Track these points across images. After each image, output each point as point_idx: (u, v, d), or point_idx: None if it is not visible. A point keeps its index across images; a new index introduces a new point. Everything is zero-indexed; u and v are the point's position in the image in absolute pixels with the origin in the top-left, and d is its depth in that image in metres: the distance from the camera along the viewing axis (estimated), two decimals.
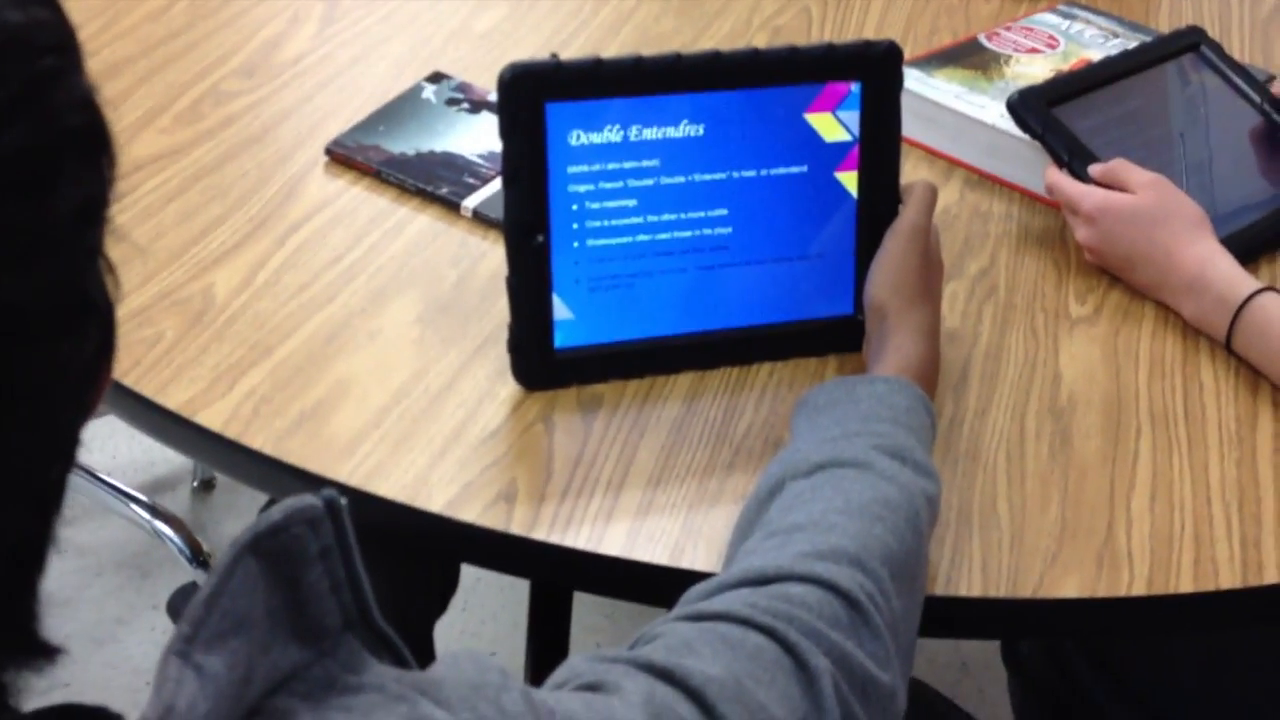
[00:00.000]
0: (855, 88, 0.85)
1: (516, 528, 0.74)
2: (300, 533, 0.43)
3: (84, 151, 0.38)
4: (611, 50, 1.21)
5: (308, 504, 0.44)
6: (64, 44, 0.38)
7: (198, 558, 1.55)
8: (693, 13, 1.28)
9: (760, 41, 1.24)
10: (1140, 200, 0.92)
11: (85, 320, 0.39)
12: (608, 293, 0.83)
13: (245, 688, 0.41)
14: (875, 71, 0.85)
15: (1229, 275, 0.88)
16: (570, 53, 1.20)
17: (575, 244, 0.82)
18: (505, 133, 0.79)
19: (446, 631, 1.29)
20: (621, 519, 0.75)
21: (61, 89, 0.38)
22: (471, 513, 0.74)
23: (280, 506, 0.43)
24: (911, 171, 1.04)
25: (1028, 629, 0.75)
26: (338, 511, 0.44)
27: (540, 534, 0.74)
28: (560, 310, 0.82)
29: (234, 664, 0.41)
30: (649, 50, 1.20)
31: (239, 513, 1.72)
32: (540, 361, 0.82)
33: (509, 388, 0.83)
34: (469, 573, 1.35)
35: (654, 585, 0.74)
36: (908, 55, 1.19)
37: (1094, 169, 0.95)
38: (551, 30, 1.23)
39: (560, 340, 0.82)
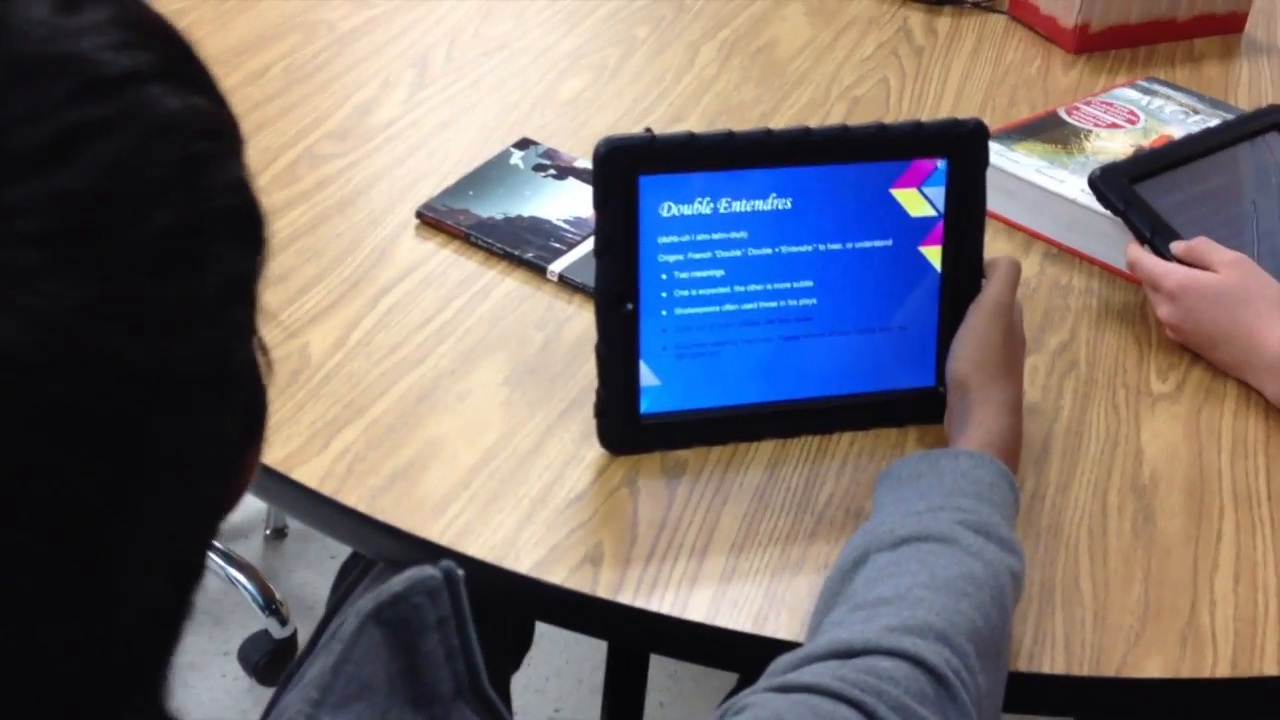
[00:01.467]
0: (941, 164, 0.86)
1: (602, 591, 0.75)
2: (420, 602, 0.45)
3: (233, 232, 0.40)
4: (693, 118, 1.23)
5: (427, 575, 0.45)
6: (220, 130, 0.40)
7: (270, 605, 1.57)
8: (772, 82, 1.30)
9: (840, 111, 1.26)
10: (1223, 279, 0.92)
11: (231, 394, 0.41)
12: (694, 360, 0.85)
13: None
14: (961, 149, 0.86)
15: None
16: (652, 119, 1.22)
17: (664, 312, 0.83)
18: (599, 204, 0.81)
19: (512, 687, 1.30)
20: (705, 584, 0.76)
21: (214, 172, 0.39)
22: (558, 575, 0.76)
23: (402, 577, 0.45)
24: (991, 243, 1.05)
25: (1111, 708, 0.75)
26: (455, 582, 0.46)
27: (625, 598, 0.75)
28: (647, 377, 0.83)
29: None
30: (730, 117, 1.24)
31: (309, 561, 1.75)
32: (626, 427, 0.84)
33: (594, 451, 0.85)
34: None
35: (736, 652, 0.75)
36: (990, 127, 1.21)
37: (1176, 246, 0.96)
38: (634, 98, 1.25)
39: (646, 406, 0.84)
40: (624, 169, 0.80)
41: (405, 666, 0.45)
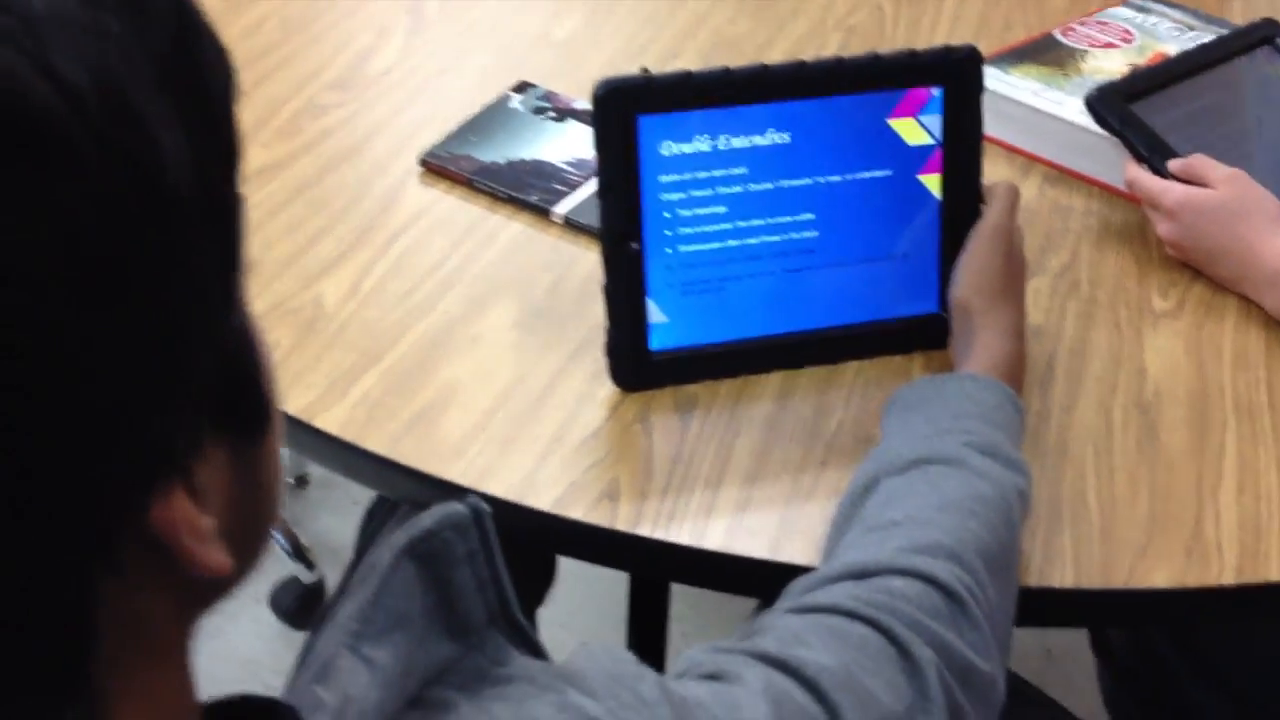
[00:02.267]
0: (937, 93, 0.87)
1: (622, 524, 0.77)
2: (449, 537, 0.47)
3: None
4: (688, 53, 1.24)
5: (455, 510, 0.47)
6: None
7: (297, 552, 1.60)
8: (766, 14, 1.30)
9: (835, 41, 1.26)
10: (1220, 195, 0.93)
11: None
12: (700, 296, 0.86)
13: (406, 679, 0.45)
14: (956, 76, 0.87)
15: None
16: (648, 57, 1.23)
17: (668, 250, 0.85)
18: (599, 146, 0.82)
19: (538, 622, 1.32)
20: (721, 515, 0.78)
21: None
22: (578, 510, 0.78)
23: (430, 513, 0.47)
24: (990, 168, 1.05)
25: (1119, 619, 0.77)
26: (482, 517, 0.48)
27: (644, 530, 0.77)
28: (655, 314, 0.85)
29: (397, 657, 0.44)
30: (725, 51, 1.24)
31: (333, 508, 1.77)
32: (637, 364, 0.85)
33: (606, 389, 0.86)
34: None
35: (754, 578, 0.77)
36: (983, 50, 1.21)
37: (1173, 164, 0.97)
38: (629, 35, 1.26)
39: (655, 343, 0.85)
40: (622, 110, 0.81)
41: (439, 599, 0.47)
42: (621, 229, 0.83)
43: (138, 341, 0.34)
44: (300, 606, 1.58)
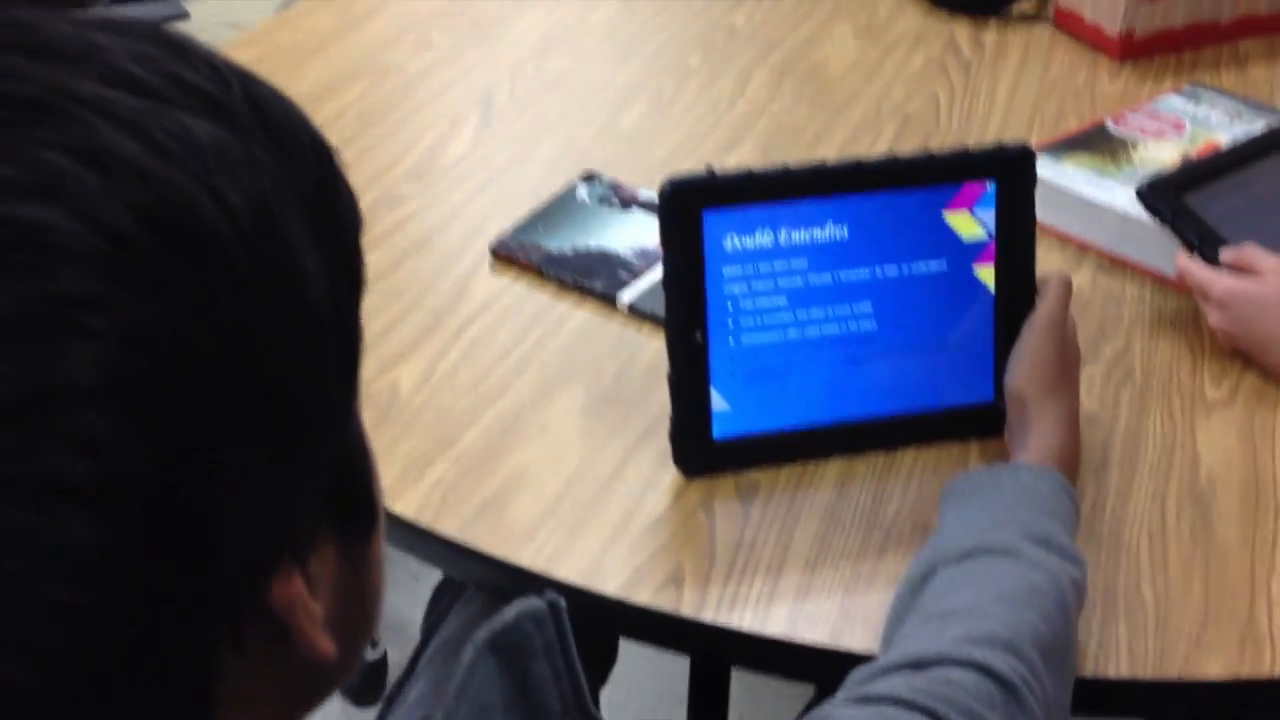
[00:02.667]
0: (990, 187, 0.90)
1: (686, 609, 0.80)
2: (529, 630, 0.50)
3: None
4: (748, 142, 1.28)
5: (534, 605, 0.50)
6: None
7: None
8: (824, 102, 1.34)
9: (890, 129, 1.30)
10: (1270, 285, 0.95)
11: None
12: (761, 384, 0.89)
13: None
14: (1009, 172, 0.90)
15: None
16: (709, 146, 1.27)
17: (730, 340, 0.88)
18: (665, 240, 0.85)
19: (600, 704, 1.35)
20: (782, 601, 0.81)
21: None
22: (644, 595, 0.81)
23: (512, 608, 0.50)
24: (1044, 256, 1.08)
25: (1174, 710, 0.78)
26: (559, 611, 0.51)
27: (708, 616, 0.80)
28: (718, 402, 0.88)
29: None
30: (783, 140, 1.28)
31: (396, 585, 1.78)
32: (700, 450, 0.88)
33: (671, 474, 0.89)
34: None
35: (815, 665, 0.79)
36: (1035, 139, 1.25)
37: (1224, 254, 0.99)
38: (690, 125, 1.30)
39: (718, 430, 0.88)
40: (688, 206, 0.85)
41: (518, 689, 0.50)
42: (686, 320, 0.86)
43: (277, 431, 0.39)
44: (363, 683, 1.61)
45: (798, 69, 1.41)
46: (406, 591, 1.76)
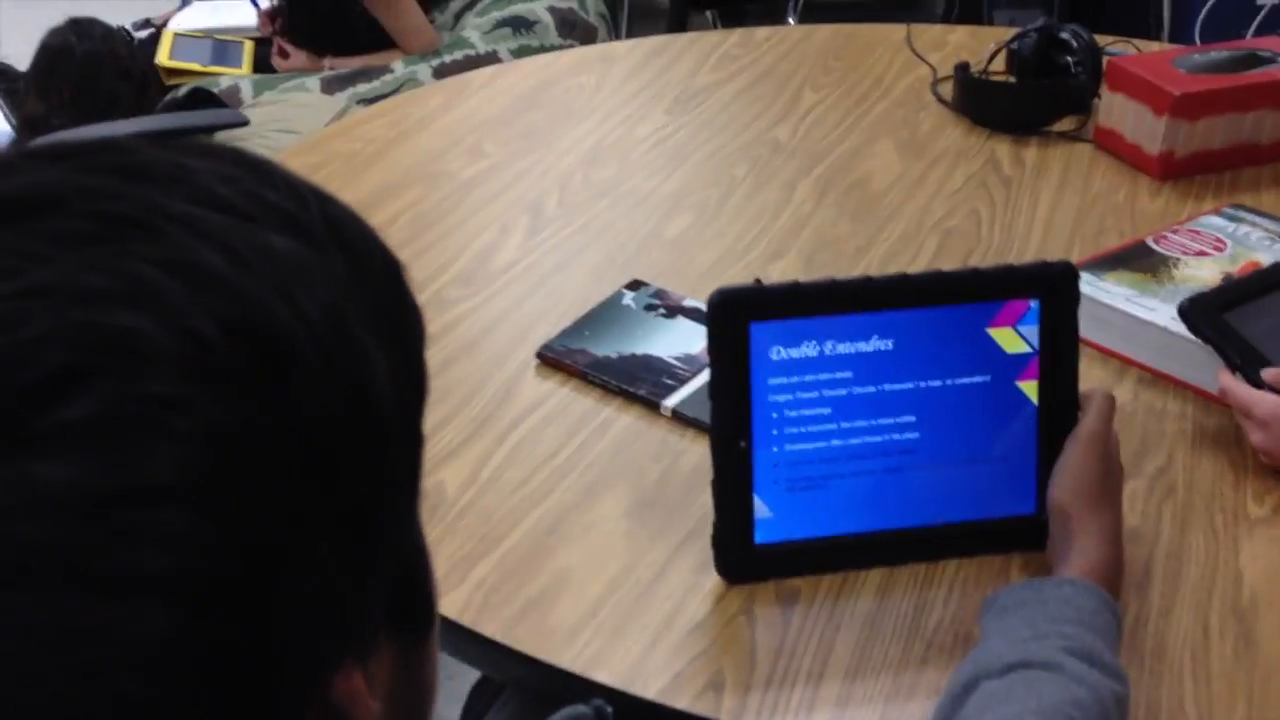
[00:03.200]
0: (1034, 304, 0.91)
1: (725, 716, 0.80)
2: None
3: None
4: (792, 253, 1.30)
5: (581, 712, 0.51)
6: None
7: None
8: (866, 216, 1.37)
9: (932, 243, 1.32)
10: None
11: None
12: (803, 493, 0.90)
13: None
14: (1053, 289, 0.91)
15: None
16: (753, 256, 1.29)
17: (774, 448, 0.89)
18: (713, 350, 0.87)
19: None
20: (822, 711, 0.81)
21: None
22: (684, 700, 0.81)
23: (560, 715, 0.51)
24: (1086, 370, 1.09)
25: None
26: (604, 718, 0.52)
27: None
28: (760, 510, 0.89)
29: None
30: (827, 252, 1.30)
31: None
32: (742, 557, 0.89)
33: (712, 579, 0.90)
34: None
35: None
36: (1076, 255, 1.26)
37: (1266, 374, 0.99)
38: (735, 235, 1.32)
39: (760, 537, 0.89)
40: (735, 318, 0.87)
41: None
42: (732, 429, 0.87)
43: (346, 533, 0.40)
44: None
45: (841, 182, 1.43)
46: (442, 691, 1.76)
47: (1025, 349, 0.92)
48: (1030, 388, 0.92)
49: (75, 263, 0.37)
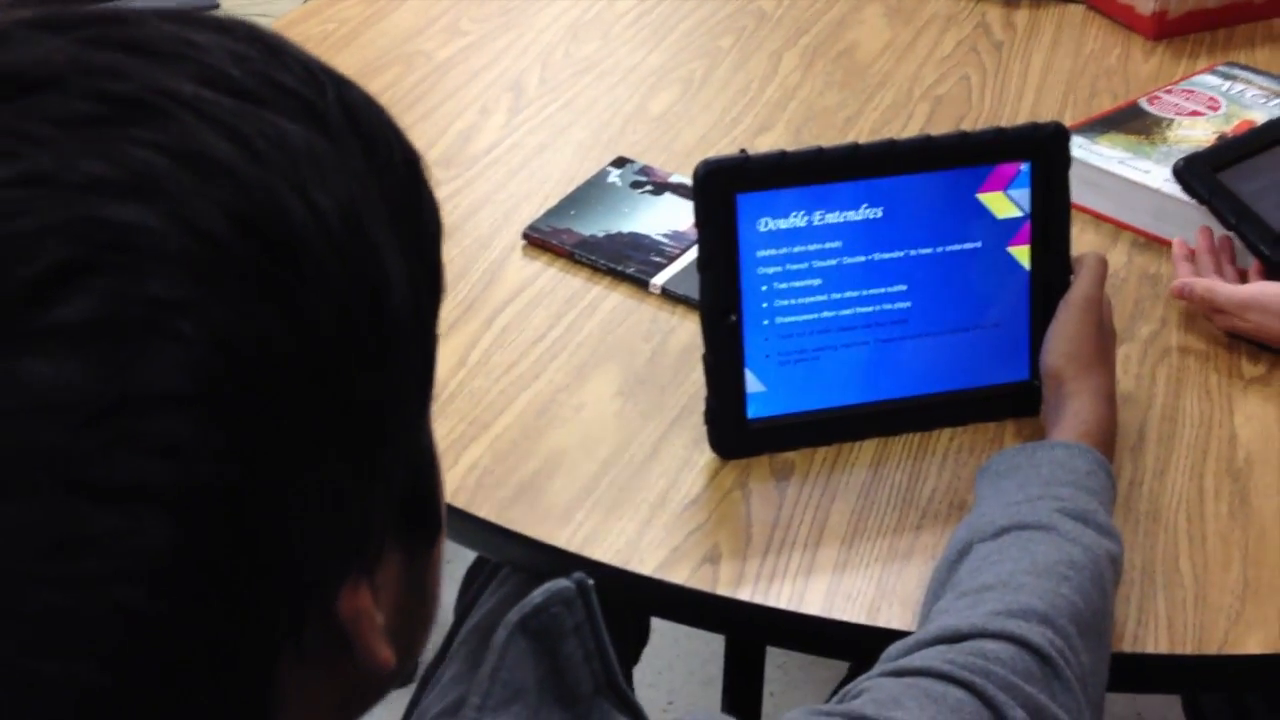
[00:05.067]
0: (1025, 167, 0.89)
1: (722, 589, 0.80)
2: (558, 611, 0.51)
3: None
4: (780, 126, 1.27)
5: (562, 586, 0.51)
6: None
7: None
8: (855, 85, 1.34)
9: (922, 111, 1.29)
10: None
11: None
12: (796, 366, 0.89)
13: None
14: (1044, 152, 0.89)
15: None
16: (740, 130, 1.27)
17: (765, 322, 0.88)
18: (700, 223, 0.85)
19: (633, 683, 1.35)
20: (819, 580, 0.81)
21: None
22: (680, 575, 0.81)
23: (540, 590, 0.51)
24: (1079, 235, 1.08)
25: (1213, 685, 0.78)
26: (587, 591, 0.52)
27: (745, 595, 0.80)
28: (753, 384, 0.88)
29: None
30: (816, 124, 1.27)
31: None
32: (736, 432, 0.88)
33: (706, 456, 0.89)
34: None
35: (851, 643, 0.79)
36: (1069, 118, 1.24)
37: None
38: (721, 109, 1.30)
39: (753, 412, 0.88)
40: (722, 189, 0.85)
41: (549, 670, 0.50)
42: (722, 303, 0.86)
43: (354, 437, 0.39)
44: None
45: (829, 51, 1.40)
46: None
47: (1016, 213, 0.90)
48: (1022, 253, 0.91)
49: (75, 147, 0.35)
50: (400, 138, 0.43)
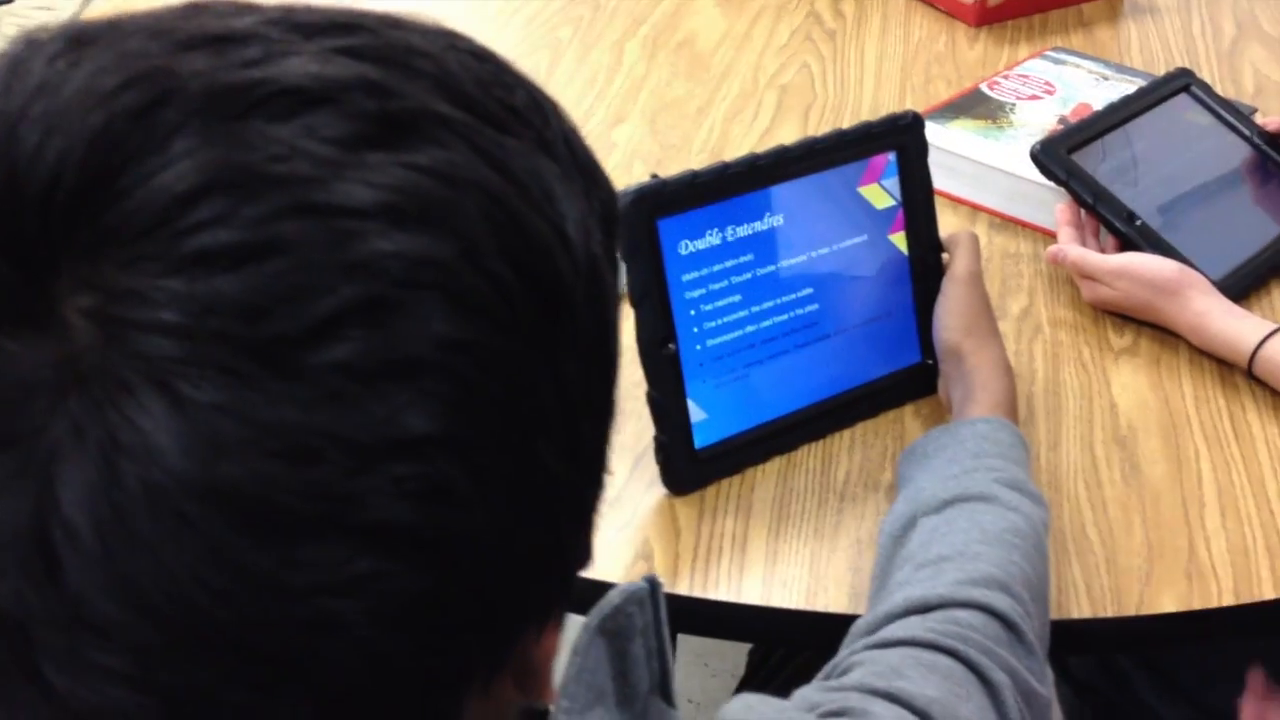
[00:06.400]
0: (892, 157, 0.92)
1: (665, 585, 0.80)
2: (632, 611, 0.50)
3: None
4: (634, 115, 1.28)
5: (638, 587, 0.50)
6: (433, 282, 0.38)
7: None
8: (700, 75, 1.35)
9: (770, 101, 1.31)
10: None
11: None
12: (729, 388, 0.88)
13: None
14: (905, 140, 0.92)
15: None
16: (595, 121, 1.27)
17: (698, 347, 0.86)
18: (629, 255, 0.83)
19: None
20: (753, 569, 0.82)
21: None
22: (616, 573, 0.80)
23: (617, 590, 0.50)
24: (940, 219, 1.11)
25: (1136, 643, 0.82)
26: (657, 590, 0.51)
27: (683, 589, 0.80)
28: (696, 413, 0.86)
29: None
30: (668, 116, 1.28)
31: None
32: (687, 464, 0.86)
33: (622, 455, 0.88)
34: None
35: (792, 628, 0.80)
36: (910, 104, 1.28)
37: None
38: (572, 101, 1.29)
39: (700, 441, 0.87)
40: (645, 217, 0.83)
41: (618, 670, 0.49)
42: (660, 333, 0.84)
43: (583, 491, 0.39)
44: None
45: (668, 42, 1.41)
46: None
47: (891, 202, 0.93)
48: (900, 239, 0.94)
49: (354, 173, 0.33)
50: (599, 165, 0.42)
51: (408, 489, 0.33)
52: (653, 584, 0.51)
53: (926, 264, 0.94)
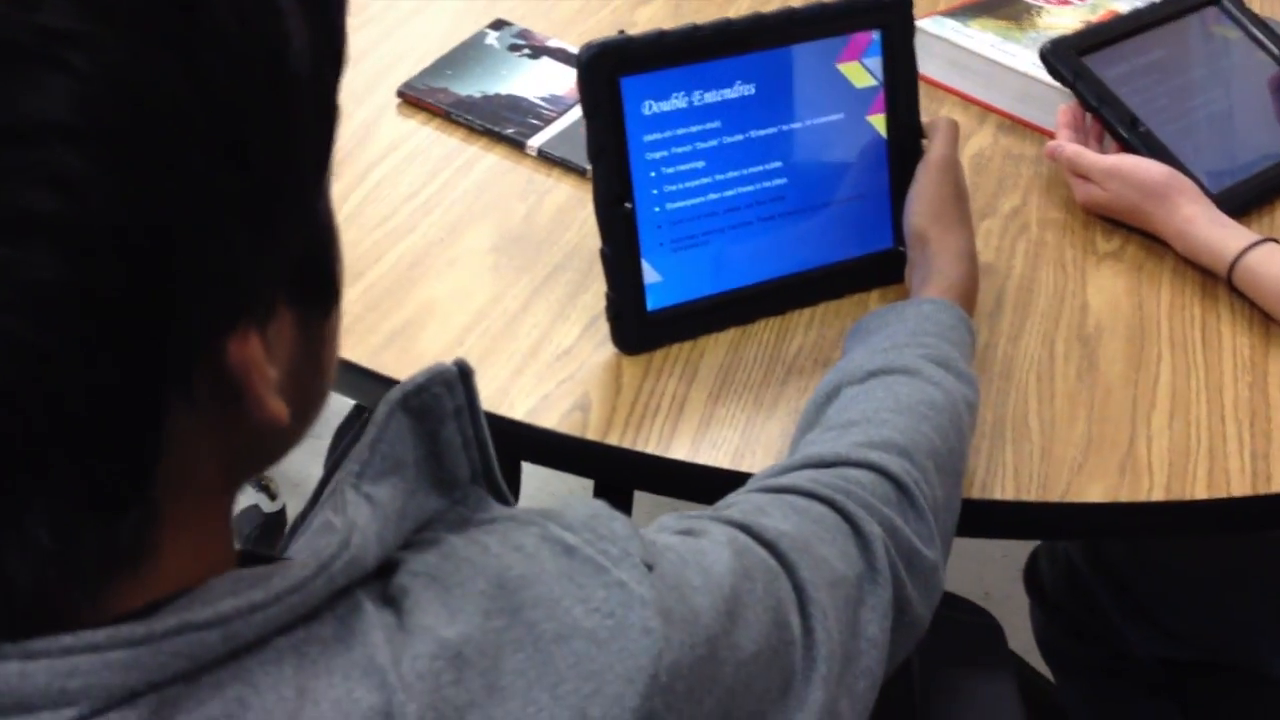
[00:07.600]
0: (876, 36, 0.91)
1: (591, 434, 0.81)
2: (439, 392, 0.51)
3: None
4: (647, 8, 1.27)
5: (444, 368, 0.51)
6: None
7: (259, 482, 1.63)
8: None
9: None
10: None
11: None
12: (687, 253, 0.88)
13: (401, 521, 0.49)
14: (891, 18, 0.91)
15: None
16: (619, 1, 1.26)
17: (656, 209, 0.87)
18: (589, 111, 0.83)
19: None
20: (686, 428, 0.83)
21: None
22: (550, 420, 0.82)
23: (423, 370, 0.51)
24: (948, 116, 1.10)
25: (1055, 530, 0.82)
26: (468, 375, 0.52)
27: (614, 440, 0.81)
28: (650, 274, 0.87)
29: (393, 497, 0.48)
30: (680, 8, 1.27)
31: None
32: (638, 326, 0.87)
33: (578, 310, 0.90)
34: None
35: (716, 486, 0.81)
36: (945, 5, 1.26)
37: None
38: None
39: (653, 303, 0.87)
40: (607, 73, 0.83)
41: (428, 452, 0.51)
42: (616, 190, 0.84)
43: (246, 194, 0.39)
44: (261, 535, 1.61)
45: None
46: (305, 448, 1.75)
47: (871, 82, 0.92)
48: (879, 121, 0.93)
49: None
50: None
51: (32, 176, 0.34)
52: (462, 368, 0.52)
53: (905, 149, 0.93)
